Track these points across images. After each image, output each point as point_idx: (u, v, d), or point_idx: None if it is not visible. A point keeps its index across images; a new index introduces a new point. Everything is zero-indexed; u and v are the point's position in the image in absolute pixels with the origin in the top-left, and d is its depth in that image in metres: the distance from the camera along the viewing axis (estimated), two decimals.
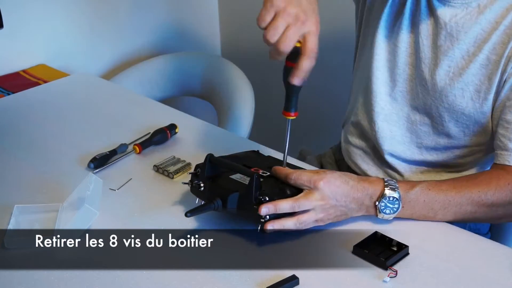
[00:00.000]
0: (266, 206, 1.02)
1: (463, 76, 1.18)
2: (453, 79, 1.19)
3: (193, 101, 2.25)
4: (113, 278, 0.99)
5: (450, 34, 1.18)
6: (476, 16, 1.16)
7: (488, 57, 1.16)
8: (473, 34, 1.17)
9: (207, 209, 1.05)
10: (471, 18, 1.16)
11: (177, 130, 1.41)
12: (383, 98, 1.30)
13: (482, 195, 1.10)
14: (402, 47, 1.26)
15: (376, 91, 1.30)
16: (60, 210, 1.12)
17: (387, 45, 1.28)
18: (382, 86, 1.30)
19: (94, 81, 1.80)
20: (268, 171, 1.12)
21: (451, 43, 1.19)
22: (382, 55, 1.29)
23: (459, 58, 1.19)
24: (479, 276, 0.99)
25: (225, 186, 1.07)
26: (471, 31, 1.17)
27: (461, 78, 1.19)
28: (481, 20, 1.15)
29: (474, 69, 1.17)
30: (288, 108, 1.11)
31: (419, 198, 1.10)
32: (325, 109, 2.15)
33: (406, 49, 1.26)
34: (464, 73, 1.18)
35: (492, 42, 1.15)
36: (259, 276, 0.98)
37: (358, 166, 1.40)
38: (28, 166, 1.31)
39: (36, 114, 1.55)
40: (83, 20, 2.03)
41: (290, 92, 1.09)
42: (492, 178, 1.12)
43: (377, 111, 1.31)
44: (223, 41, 2.54)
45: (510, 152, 1.13)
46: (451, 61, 1.19)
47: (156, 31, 2.28)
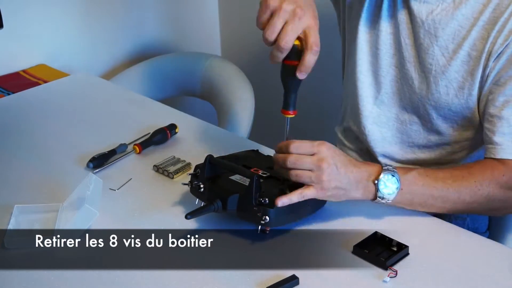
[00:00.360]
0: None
1: (445, 73, 1.19)
2: (436, 76, 1.20)
3: (193, 101, 2.25)
4: (113, 278, 0.99)
5: (428, 32, 1.19)
6: (452, 11, 1.16)
7: (469, 53, 1.16)
8: (450, 30, 1.17)
9: (207, 211, 1.05)
10: (447, 14, 1.17)
11: (177, 130, 1.41)
12: (370, 101, 1.31)
13: (478, 185, 1.10)
14: (383, 49, 1.27)
15: (362, 95, 1.31)
16: (60, 210, 1.12)
17: (368, 48, 1.29)
18: (367, 89, 1.31)
19: (94, 81, 1.80)
20: (268, 171, 1.12)
21: (430, 41, 1.19)
22: (365, 59, 1.30)
23: (439, 56, 1.19)
24: (479, 276, 0.99)
25: (225, 187, 1.07)
26: (448, 27, 1.17)
27: (444, 76, 1.19)
28: (457, 16, 1.16)
29: (456, 66, 1.18)
30: (286, 107, 1.10)
31: (417, 181, 1.09)
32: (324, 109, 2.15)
33: (388, 50, 1.26)
34: (446, 70, 1.19)
35: (472, 38, 1.15)
36: (259, 276, 0.98)
37: None
38: (28, 166, 1.31)
39: (36, 114, 1.55)
40: (83, 20, 2.03)
41: (288, 90, 1.09)
42: (487, 168, 1.12)
43: (366, 114, 1.32)
44: (223, 41, 2.54)
45: (495, 146, 1.14)
46: (431, 59, 1.20)
47: (156, 31, 2.28)
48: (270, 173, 1.11)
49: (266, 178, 1.10)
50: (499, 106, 1.13)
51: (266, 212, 1.01)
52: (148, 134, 1.40)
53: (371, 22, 1.28)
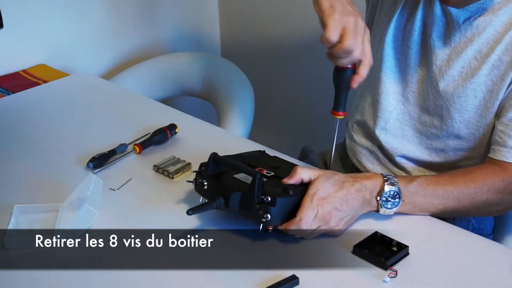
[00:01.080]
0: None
1: (475, 77, 1.19)
2: (465, 79, 1.20)
3: (193, 101, 2.25)
4: (113, 278, 0.99)
5: (465, 35, 1.19)
6: (491, 17, 1.16)
7: (500, 58, 1.16)
8: (487, 34, 1.17)
9: (209, 208, 1.05)
10: (485, 20, 1.16)
11: (177, 130, 1.41)
12: (395, 97, 1.30)
13: (477, 191, 1.11)
14: (413, 48, 1.26)
15: (388, 90, 1.31)
16: (60, 210, 1.12)
17: (398, 45, 1.29)
18: (394, 85, 1.30)
19: (94, 81, 1.80)
20: (273, 171, 1.12)
21: (465, 44, 1.19)
22: (393, 55, 1.29)
23: (471, 59, 1.19)
24: (479, 276, 0.99)
25: (228, 185, 1.07)
26: (484, 32, 1.17)
27: (473, 79, 1.19)
28: (495, 22, 1.16)
29: (486, 70, 1.18)
30: (337, 108, 1.15)
31: (418, 192, 1.10)
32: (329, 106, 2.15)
33: (418, 50, 1.26)
34: (476, 74, 1.18)
35: (504, 43, 1.15)
36: (259, 276, 0.98)
37: (363, 165, 1.40)
38: (28, 166, 1.31)
39: (36, 114, 1.55)
40: (83, 20, 2.03)
41: (339, 92, 1.13)
42: (487, 174, 1.13)
43: (390, 110, 1.31)
44: (223, 41, 2.54)
45: (508, 149, 1.14)
46: (464, 62, 1.20)
47: (156, 31, 2.28)
48: (275, 173, 1.11)
49: (270, 177, 1.10)
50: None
51: (267, 210, 1.01)
52: (148, 134, 1.40)
53: (404, 21, 1.28)
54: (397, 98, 1.31)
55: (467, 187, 1.11)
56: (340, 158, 1.52)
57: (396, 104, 1.31)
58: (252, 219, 1.04)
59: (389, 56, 1.30)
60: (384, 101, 1.32)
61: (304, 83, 2.32)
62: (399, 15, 1.28)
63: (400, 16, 1.28)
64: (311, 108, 2.30)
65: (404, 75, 1.29)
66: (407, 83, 1.29)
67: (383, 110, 1.32)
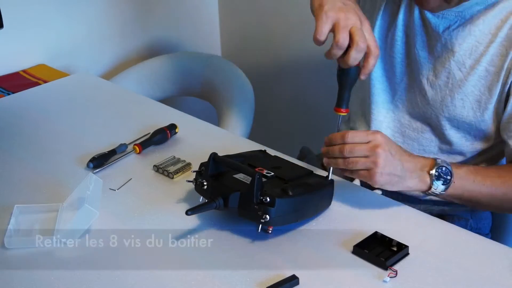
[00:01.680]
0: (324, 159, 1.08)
1: (462, 88, 1.19)
2: (452, 90, 1.20)
3: (193, 101, 2.25)
4: (113, 278, 0.99)
5: (445, 46, 1.19)
6: (469, 27, 1.16)
7: (486, 69, 1.17)
8: (467, 45, 1.17)
9: (208, 208, 1.05)
10: (463, 29, 1.17)
11: (177, 130, 1.41)
12: (385, 106, 1.31)
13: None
14: (398, 57, 1.27)
15: (377, 100, 1.32)
16: (60, 210, 1.12)
17: (382, 55, 1.29)
18: (382, 95, 1.31)
19: (94, 81, 1.80)
20: (273, 171, 1.12)
21: (448, 55, 1.19)
22: (379, 66, 1.30)
23: (456, 70, 1.19)
24: (479, 276, 0.99)
25: (227, 185, 1.07)
26: (465, 43, 1.17)
27: (461, 90, 1.19)
28: (474, 32, 1.16)
29: (473, 81, 1.18)
30: (340, 104, 1.14)
31: (468, 177, 1.12)
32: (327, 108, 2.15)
33: (402, 60, 1.27)
34: (463, 85, 1.19)
35: (489, 54, 1.16)
36: (259, 276, 0.98)
37: None
38: (28, 166, 1.31)
39: (36, 114, 1.55)
40: (83, 20, 2.03)
41: (343, 88, 1.12)
42: None
43: (380, 119, 1.32)
44: (223, 41, 2.54)
45: None
46: (448, 73, 1.20)
47: (156, 31, 2.28)
48: (275, 173, 1.11)
49: (270, 178, 1.10)
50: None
51: (266, 210, 1.01)
52: (148, 134, 1.40)
53: (385, 30, 1.28)
54: (387, 106, 1.31)
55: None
56: None
57: (386, 112, 1.32)
58: (251, 220, 1.04)
59: (375, 67, 1.30)
60: (374, 111, 1.33)
61: (304, 83, 2.32)
62: (380, 25, 1.28)
63: (381, 26, 1.29)
64: (311, 108, 2.30)
65: (391, 84, 1.30)
66: (395, 92, 1.30)
67: (374, 121, 1.33)
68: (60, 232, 1.06)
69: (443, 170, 1.10)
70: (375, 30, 1.28)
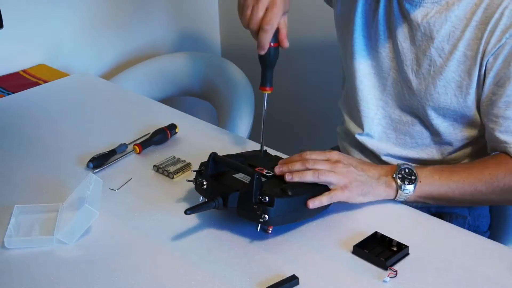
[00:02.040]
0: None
1: (443, 74, 1.20)
2: (434, 77, 1.21)
3: (193, 101, 2.24)
4: (113, 278, 0.99)
5: (425, 34, 1.20)
6: (445, 13, 1.17)
7: (464, 53, 1.18)
8: (445, 31, 1.18)
9: (208, 207, 1.05)
10: (440, 16, 1.18)
11: (177, 130, 1.41)
12: (374, 103, 1.32)
13: (493, 177, 1.13)
14: (383, 52, 1.28)
15: (366, 97, 1.32)
16: (60, 210, 1.12)
17: (368, 52, 1.31)
18: (371, 91, 1.32)
19: (94, 81, 1.80)
20: (273, 171, 1.12)
21: (428, 42, 1.21)
22: (366, 63, 1.31)
23: (436, 56, 1.20)
24: (479, 276, 0.99)
25: (227, 185, 1.07)
26: (442, 29, 1.18)
27: (442, 76, 1.20)
28: (450, 17, 1.17)
29: (453, 66, 1.19)
30: (264, 83, 1.22)
31: (433, 175, 1.14)
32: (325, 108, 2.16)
33: (387, 54, 1.28)
34: (443, 71, 1.20)
35: (466, 39, 1.17)
36: (259, 276, 0.98)
37: None
38: (28, 166, 1.31)
39: (36, 114, 1.55)
40: (83, 20, 2.03)
41: (265, 68, 1.22)
42: (501, 161, 1.16)
43: (371, 116, 1.33)
44: (223, 41, 2.54)
45: (505, 144, 1.16)
46: (429, 60, 1.21)
47: (156, 31, 2.28)
48: (275, 173, 1.11)
49: (269, 177, 1.10)
50: (503, 107, 1.15)
51: (265, 210, 1.01)
52: (148, 134, 1.40)
53: (368, 26, 1.30)
54: (376, 103, 1.32)
55: (481, 173, 1.14)
56: None
57: (377, 109, 1.32)
58: (250, 219, 1.04)
59: (362, 65, 1.31)
60: (365, 109, 1.33)
61: (304, 83, 2.32)
62: (361, 22, 1.30)
63: (362, 23, 1.30)
64: (311, 108, 2.30)
65: (380, 80, 1.31)
66: (384, 87, 1.31)
67: (365, 118, 1.34)
68: (60, 232, 1.06)
69: (406, 171, 1.13)
70: (355, 27, 1.30)
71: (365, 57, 1.31)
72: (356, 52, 1.31)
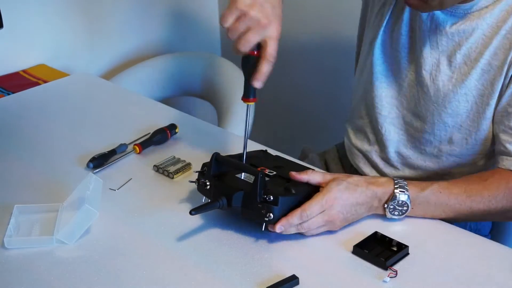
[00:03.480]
0: (280, 224, 1.02)
1: (465, 82, 1.18)
2: (456, 85, 1.19)
3: (193, 101, 2.25)
4: (113, 278, 0.99)
5: (452, 40, 1.18)
6: (477, 22, 1.15)
7: (489, 62, 1.15)
8: (474, 39, 1.16)
9: (212, 207, 1.05)
10: (471, 24, 1.16)
11: (177, 130, 1.41)
12: (389, 101, 1.30)
13: (492, 200, 1.10)
14: (402, 52, 1.26)
15: (381, 94, 1.30)
16: (60, 210, 1.12)
17: (387, 50, 1.29)
18: (386, 89, 1.30)
19: (94, 81, 1.80)
20: (275, 170, 1.12)
21: (454, 49, 1.18)
22: (384, 60, 1.29)
23: (461, 64, 1.18)
24: (479, 276, 0.99)
25: (230, 185, 1.07)
26: (472, 37, 1.16)
27: (464, 84, 1.18)
28: (482, 25, 1.15)
29: (476, 75, 1.17)
30: (247, 95, 1.12)
31: (429, 201, 1.10)
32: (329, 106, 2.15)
33: (407, 54, 1.26)
34: (466, 79, 1.18)
35: (493, 47, 1.14)
36: (259, 276, 0.98)
37: (360, 168, 1.40)
38: (28, 166, 1.31)
39: (36, 114, 1.55)
40: (83, 20, 2.03)
41: (248, 79, 1.11)
42: (501, 180, 1.12)
43: (384, 114, 1.31)
44: (223, 41, 2.54)
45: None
46: (453, 67, 1.19)
47: (156, 31, 2.28)
48: (277, 172, 1.12)
49: (272, 176, 1.10)
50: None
51: (270, 209, 1.02)
52: (148, 134, 1.40)
53: (392, 24, 1.28)
54: (391, 102, 1.30)
55: (481, 195, 1.10)
56: (340, 158, 1.52)
57: (391, 108, 1.31)
58: (255, 219, 1.04)
59: (379, 61, 1.30)
60: (378, 105, 1.32)
61: (304, 83, 2.32)
62: (388, 20, 1.28)
63: (389, 20, 1.28)
64: (311, 108, 2.30)
65: (396, 79, 1.29)
66: (400, 87, 1.29)
67: (378, 114, 1.32)
68: (60, 232, 1.06)
69: (399, 203, 1.08)
70: (382, 25, 1.28)
71: (383, 54, 1.29)
72: (376, 47, 1.29)
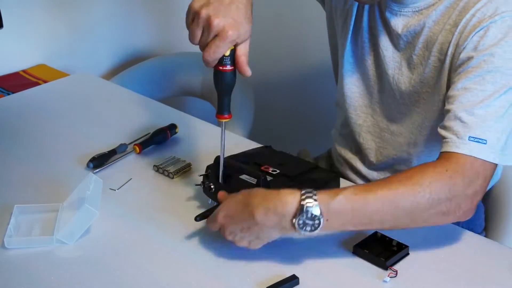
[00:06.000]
0: None
1: (424, 81, 1.18)
2: (415, 85, 1.19)
3: (193, 101, 2.24)
4: (113, 278, 0.99)
5: (407, 42, 1.19)
6: (424, 20, 1.15)
7: (438, 58, 1.15)
8: (424, 37, 1.16)
9: None
10: (419, 23, 1.16)
11: (177, 130, 1.41)
12: (363, 110, 1.32)
13: (417, 187, 0.97)
14: (368, 60, 1.27)
15: (354, 104, 1.32)
16: (60, 210, 1.12)
17: (355, 59, 1.30)
18: (359, 98, 1.31)
19: (94, 81, 1.80)
20: (279, 168, 1.12)
21: (409, 50, 1.19)
22: (352, 69, 1.30)
23: (417, 64, 1.18)
24: (479, 276, 0.99)
25: (234, 187, 1.07)
26: (422, 36, 1.16)
27: (423, 83, 1.18)
28: (429, 23, 1.15)
29: (429, 72, 1.17)
30: (221, 111, 1.10)
31: (345, 207, 0.96)
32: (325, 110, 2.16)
33: (372, 62, 1.27)
34: (424, 77, 1.18)
35: (438, 42, 1.14)
36: (259, 276, 0.98)
37: (346, 175, 1.41)
38: (28, 166, 1.31)
39: (36, 114, 1.55)
40: (83, 20, 2.03)
41: (221, 95, 1.09)
42: (428, 167, 1.00)
43: (360, 123, 1.33)
44: None
45: (451, 141, 1.02)
46: (412, 68, 1.19)
47: (156, 31, 2.28)
48: (281, 170, 1.12)
49: (276, 175, 1.10)
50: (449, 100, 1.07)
51: None
52: (148, 134, 1.40)
53: (356, 34, 1.29)
54: (365, 111, 1.31)
55: (404, 185, 0.97)
56: (331, 164, 1.52)
57: (366, 117, 1.32)
58: None
59: (349, 71, 1.31)
60: (353, 116, 1.33)
61: (304, 83, 2.32)
62: (351, 31, 1.28)
63: (352, 31, 1.29)
64: (311, 108, 2.30)
65: (366, 88, 1.30)
66: (371, 95, 1.30)
67: (354, 124, 1.33)
68: (60, 232, 1.06)
69: (308, 216, 0.94)
70: (349, 36, 1.28)
71: (352, 63, 1.30)
72: (345, 58, 1.30)
